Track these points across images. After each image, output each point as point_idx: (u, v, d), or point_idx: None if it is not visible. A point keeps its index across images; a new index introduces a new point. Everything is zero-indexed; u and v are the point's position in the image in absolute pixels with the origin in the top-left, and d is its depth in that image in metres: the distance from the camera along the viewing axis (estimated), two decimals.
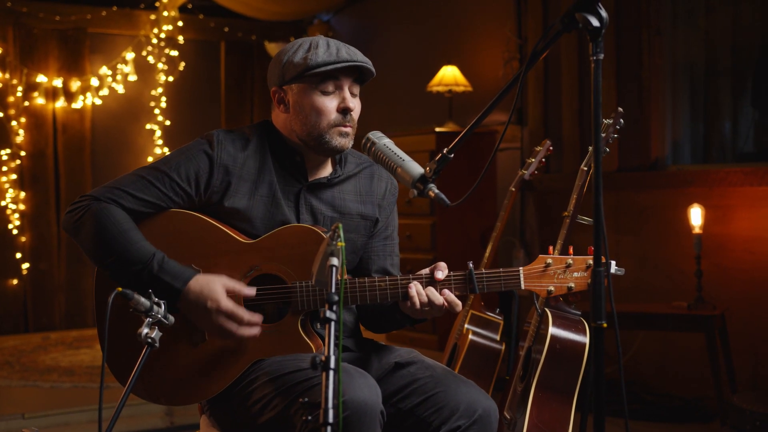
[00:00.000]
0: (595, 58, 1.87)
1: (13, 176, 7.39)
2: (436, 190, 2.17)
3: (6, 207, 7.35)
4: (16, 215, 7.38)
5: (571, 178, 5.76)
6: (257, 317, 2.30)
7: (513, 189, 3.42)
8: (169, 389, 2.40)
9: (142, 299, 2.04)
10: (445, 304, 2.27)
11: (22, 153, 7.46)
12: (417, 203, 6.21)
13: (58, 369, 5.70)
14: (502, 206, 3.48)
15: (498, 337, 3.38)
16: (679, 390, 5.17)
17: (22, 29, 7.48)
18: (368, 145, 2.30)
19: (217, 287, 2.27)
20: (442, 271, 2.29)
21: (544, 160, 3.38)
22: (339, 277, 1.82)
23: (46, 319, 7.51)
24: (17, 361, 6.05)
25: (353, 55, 2.39)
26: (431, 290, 2.27)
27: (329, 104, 2.39)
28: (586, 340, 2.82)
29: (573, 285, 2.27)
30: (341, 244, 1.82)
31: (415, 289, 2.27)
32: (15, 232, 7.36)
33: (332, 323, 1.77)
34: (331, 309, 1.78)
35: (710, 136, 5.51)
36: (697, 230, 4.72)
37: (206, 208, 2.40)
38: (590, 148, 2.98)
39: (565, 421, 2.81)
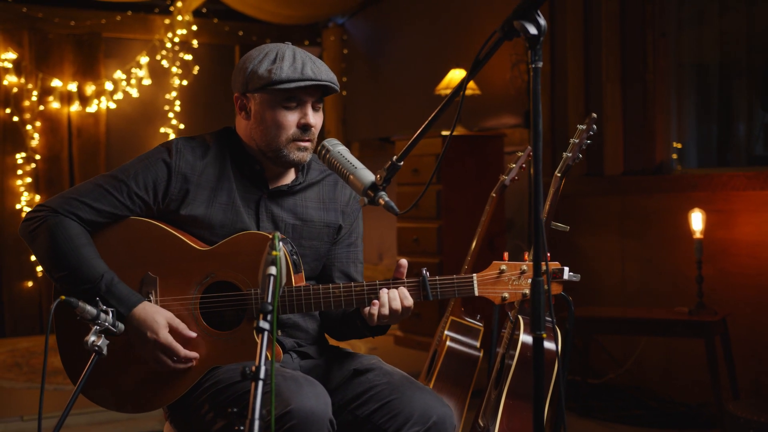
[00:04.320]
0: (533, 66, 1.85)
1: (29, 180, 7.46)
2: (386, 198, 2.15)
3: (21, 210, 7.42)
4: None
5: (578, 182, 5.76)
6: (193, 354, 2.32)
7: (494, 195, 3.40)
8: (132, 396, 2.41)
9: (88, 307, 2.05)
10: (401, 307, 2.26)
11: (38, 157, 7.53)
12: (424, 206, 6.19)
13: (63, 372, 5.74)
14: (483, 212, 3.46)
15: (478, 344, 3.36)
16: (684, 396, 5.12)
17: (37, 34, 7.56)
18: (323, 152, 2.30)
19: (159, 319, 2.29)
20: (404, 265, 2.30)
21: (524, 165, 3.35)
22: (278, 287, 1.82)
23: None
24: (26, 363, 6.13)
25: (318, 72, 2.37)
26: (392, 294, 2.26)
27: (290, 119, 2.39)
28: (558, 347, 2.80)
29: (527, 292, 2.25)
30: (276, 253, 1.82)
31: (381, 300, 2.26)
32: None
33: (265, 333, 1.77)
34: (265, 319, 1.78)
35: (725, 138, 5.44)
36: (697, 235, 4.67)
37: (165, 216, 2.41)
38: (564, 154, 2.95)
39: None
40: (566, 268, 2.20)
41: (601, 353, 5.54)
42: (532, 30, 1.85)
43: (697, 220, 4.68)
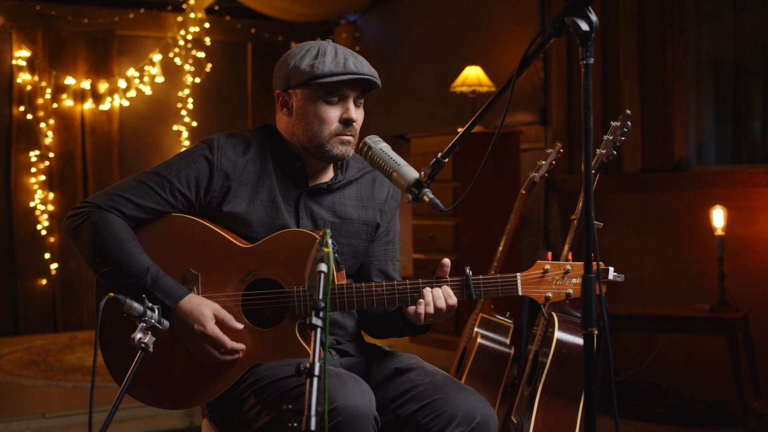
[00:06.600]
0: (584, 62, 1.86)
1: (42, 177, 7.47)
2: (431, 195, 2.15)
3: (35, 208, 7.43)
4: (45, 216, 7.45)
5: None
6: (240, 346, 2.32)
7: (523, 192, 3.40)
8: (171, 393, 2.41)
9: (135, 304, 2.05)
10: (445, 305, 2.26)
11: (51, 154, 7.54)
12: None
13: (82, 369, 5.75)
14: (512, 209, 3.45)
15: (508, 341, 3.35)
16: (703, 393, 5.11)
17: (51, 32, 7.57)
18: (365, 149, 2.30)
19: (206, 311, 2.29)
20: (447, 264, 2.30)
21: (554, 162, 3.35)
22: (328, 283, 1.82)
23: (74, 319, 7.58)
24: (43, 361, 6.13)
25: (360, 67, 2.38)
26: (436, 293, 2.26)
27: (332, 113, 2.39)
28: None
29: (571, 291, 2.25)
30: (327, 250, 1.82)
31: (425, 298, 2.26)
32: (44, 232, 7.43)
33: (318, 330, 1.76)
34: (317, 315, 1.78)
35: (741, 136, 5.43)
36: (719, 232, 4.66)
37: (206, 213, 2.41)
38: (598, 151, 2.95)
39: (570, 426, 2.79)
40: (611, 269, 2.20)
41: (620, 351, 5.54)
42: (584, 26, 1.85)
43: (718, 217, 4.67)
